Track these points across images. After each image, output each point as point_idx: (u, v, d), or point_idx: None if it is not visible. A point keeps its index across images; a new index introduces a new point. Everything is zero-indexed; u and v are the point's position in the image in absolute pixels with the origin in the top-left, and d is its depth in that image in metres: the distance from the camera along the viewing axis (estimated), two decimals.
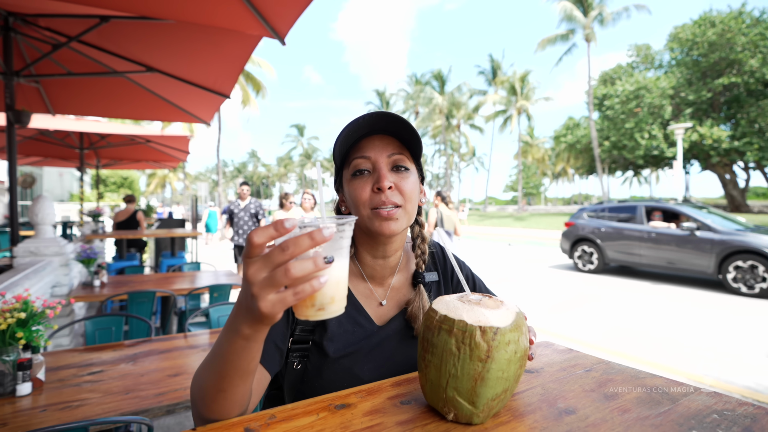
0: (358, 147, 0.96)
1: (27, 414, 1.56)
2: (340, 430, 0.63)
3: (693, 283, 8.32)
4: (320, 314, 0.59)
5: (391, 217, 0.91)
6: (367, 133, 0.95)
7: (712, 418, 0.67)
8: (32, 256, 3.72)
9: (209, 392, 0.67)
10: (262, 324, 0.58)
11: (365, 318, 1.00)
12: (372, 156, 0.94)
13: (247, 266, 0.55)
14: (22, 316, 1.66)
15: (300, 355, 0.95)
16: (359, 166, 0.94)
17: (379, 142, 0.95)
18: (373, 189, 0.92)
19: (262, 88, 31.00)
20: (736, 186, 31.45)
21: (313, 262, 0.52)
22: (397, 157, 0.95)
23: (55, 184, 28.07)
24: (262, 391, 0.85)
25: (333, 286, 0.59)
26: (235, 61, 4.11)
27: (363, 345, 0.97)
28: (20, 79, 4.08)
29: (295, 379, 0.95)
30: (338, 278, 0.60)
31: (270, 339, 0.88)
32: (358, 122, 0.90)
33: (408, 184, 0.94)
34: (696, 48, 27.74)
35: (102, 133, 7.79)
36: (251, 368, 0.67)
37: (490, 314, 0.66)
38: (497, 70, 49.60)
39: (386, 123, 0.92)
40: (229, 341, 0.63)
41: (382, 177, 0.91)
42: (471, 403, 0.65)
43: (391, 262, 1.03)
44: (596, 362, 0.93)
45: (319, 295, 0.58)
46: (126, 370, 2.01)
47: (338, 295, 0.60)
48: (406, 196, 0.94)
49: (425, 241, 1.09)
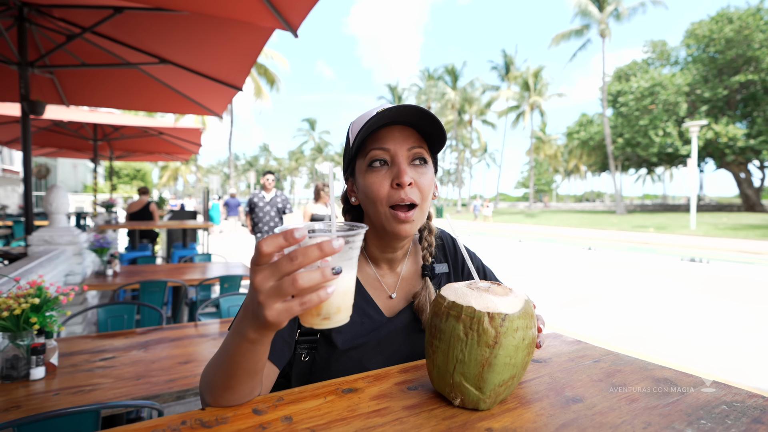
0: (376, 137, 0.91)
1: (40, 397, 1.59)
2: (347, 413, 0.63)
3: (708, 282, 8.21)
4: (325, 323, 0.59)
5: (408, 220, 0.89)
6: (388, 123, 0.91)
7: (720, 409, 0.67)
8: (46, 244, 3.78)
9: (217, 389, 0.68)
10: (268, 330, 0.59)
11: (374, 309, 0.99)
12: (392, 148, 0.90)
13: (255, 274, 0.55)
14: (36, 302, 1.69)
15: (308, 347, 0.94)
16: (377, 157, 0.90)
17: (400, 133, 0.91)
18: (392, 185, 0.89)
19: (276, 81, 31.08)
20: (751, 185, 30.95)
21: (321, 273, 0.52)
22: (417, 151, 0.91)
23: (69, 176, 28.46)
24: (271, 384, 0.85)
25: (340, 297, 0.59)
26: (248, 54, 4.12)
27: (372, 337, 0.96)
28: (35, 69, 4.13)
29: (303, 371, 0.95)
30: (345, 289, 0.60)
31: (278, 334, 0.87)
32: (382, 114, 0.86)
33: (426, 180, 0.91)
34: (713, 44, 27.27)
35: (115, 124, 7.87)
36: (258, 368, 0.67)
37: (499, 301, 0.66)
38: (510, 66, 49.20)
39: (410, 115, 0.88)
40: (236, 344, 0.63)
41: (403, 172, 0.88)
42: (478, 388, 0.65)
43: (399, 255, 1.03)
44: (605, 353, 0.93)
45: (325, 305, 0.58)
46: (137, 356, 2.04)
47: (344, 305, 0.60)
48: (424, 194, 0.91)
49: (432, 233, 1.07)
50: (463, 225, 28.21)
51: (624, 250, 14.15)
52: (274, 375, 0.86)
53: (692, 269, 9.84)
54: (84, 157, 10.86)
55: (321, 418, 0.62)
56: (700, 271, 9.62)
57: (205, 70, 4.59)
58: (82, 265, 4.01)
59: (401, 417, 0.63)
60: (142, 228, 7.11)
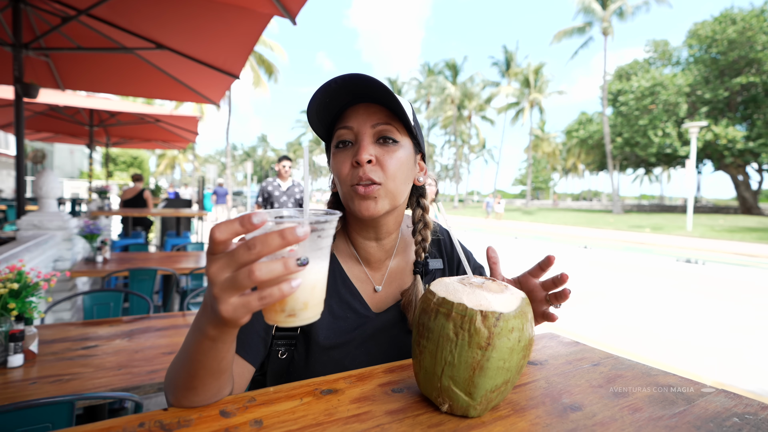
0: (342, 116, 0.86)
1: (16, 386, 1.54)
2: (324, 417, 0.58)
3: (704, 283, 8.20)
4: (291, 321, 0.53)
5: (368, 196, 0.81)
6: (351, 101, 0.85)
7: (732, 421, 0.61)
8: (35, 229, 3.71)
9: (179, 389, 0.62)
10: (227, 326, 0.53)
11: (360, 303, 0.92)
12: (354, 126, 0.84)
13: (209, 264, 0.49)
14: (15, 287, 1.63)
15: (286, 344, 0.87)
16: (342, 137, 0.85)
17: (364, 110, 0.84)
18: (352, 163, 0.83)
19: (274, 71, 30.83)
20: (749, 188, 31.00)
21: (283, 264, 0.46)
22: (382, 128, 0.84)
23: (65, 161, 28.27)
24: (245, 383, 0.79)
25: (307, 291, 0.52)
26: (246, 41, 4.04)
27: (356, 334, 0.90)
28: (29, 51, 4.04)
29: (279, 369, 0.88)
30: (314, 282, 0.53)
31: (252, 330, 0.81)
32: (330, 89, 0.79)
33: (392, 159, 0.83)
34: (715, 45, 27.19)
35: (112, 110, 7.78)
36: (222, 367, 0.60)
37: (493, 298, 0.60)
38: (511, 62, 49.01)
39: (366, 88, 0.80)
40: (196, 341, 0.57)
41: (361, 149, 0.81)
42: (468, 394, 0.59)
43: (385, 245, 0.95)
44: (604, 357, 0.87)
45: (290, 300, 0.52)
46: (121, 346, 1.98)
47: (313, 300, 0.54)
48: (388, 173, 0.83)
49: (428, 227, 0.98)
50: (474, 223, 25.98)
51: (620, 249, 14.13)
52: (249, 373, 0.80)
53: (688, 270, 9.82)
54: (80, 142, 10.74)
55: (294, 422, 0.56)
56: (695, 272, 9.61)
57: (202, 56, 4.50)
58: (72, 251, 3.94)
59: (383, 423, 0.57)
60: (136, 215, 7.03)
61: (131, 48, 4.38)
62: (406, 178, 0.88)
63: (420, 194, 1.02)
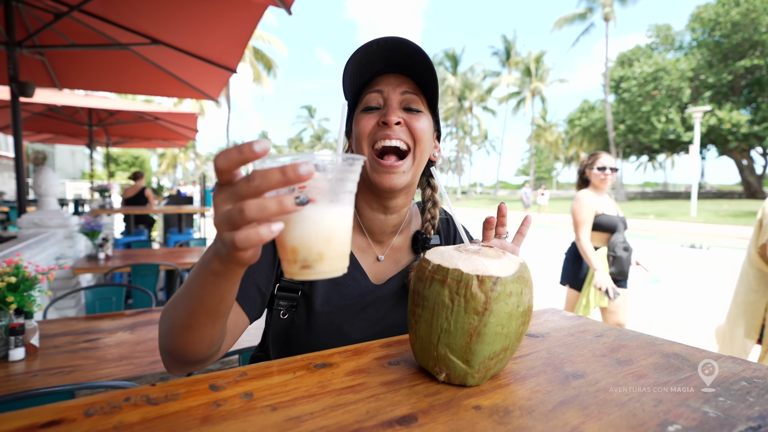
0: (371, 83, 0.88)
1: (18, 378, 1.53)
2: (317, 389, 0.56)
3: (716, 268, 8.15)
4: (306, 273, 0.48)
5: (394, 170, 0.82)
6: (382, 70, 0.87)
7: (740, 385, 0.59)
8: (36, 227, 3.70)
9: (176, 327, 0.60)
10: (230, 262, 0.49)
11: (360, 273, 0.92)
12: (385, 90, 0.86)
13: (215, 193, 0.46)
14: (13, 281, 1.62)
15: (288, 305, 0.88)
16: (370, 102, 0.87)
17: (395, 79, 0.87)
18: (379, 123, 0.84)
19: (273, 67, 30.75)
20: (753, 172, 30.77)
21: (278, 201, 0.42)
22: (410, 96, 0.86)
23: (67, 162, 28.32)
24: (239, 334, 0.78)
25: (321, 240, 0.47)
26: (241, 33, 4.01)
27: (355, 302, 0.90)
28: (23, 50, 4.02)
29: (280, 331, 0.88)
30: (330, 230, 0.48)
31: (251, 280, 0.81)
32: (370, 50, 0.81)
33: (419, 124, 0.85)
34: (718, 28, 26.88)
35: (110, 109, 7.76)
36: (221, 309, 0.58)
37: (490, 263, 0.58)
38: (511, 51, 48.67)
39: (403, 57, 0.83)
40: (199, 275, 0.55)
41: (390, 110, 0.83)
42: (465, 361, 0.57)
43: (392, 219, 0.94)
44: (608, 328, 0.85)
45: (300, 248, 0.47)
46: (123, 338, 1.98)
47: (330, 252, 0.48)
48: (417, 136, 0.84)
49: (437, 206, 1.00)
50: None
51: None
52: (243, 324, 0.79)
53: (692, 255, 9.76)
54: (80, 143, 10.74)
55: (286, 394, 0.54)
56: (700, 257, 9.55)
57: (198, 50, 4.47)
58: (74, 249, 3.94)
59: (377, 393, 0.55)
60: (137, 213, 7.03)
61: (126, 44, 4.35)
62: (429, 146, 0.89)
63: (430, 174, 1.03)
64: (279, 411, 0.50)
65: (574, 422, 0.49)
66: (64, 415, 0.47)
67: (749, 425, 0.49)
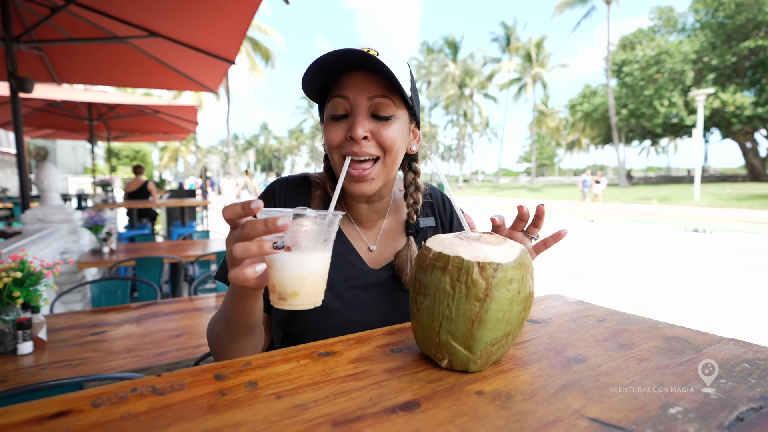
0: (338, 83, 0.82)
1: (27, 371, 1.55)
2: (320, 377, 0.57)
3: (717, 253, 8.14)
4: (281, 303, 0.59)
5: (363, 178, 0.82)
6: (348, 68, 0.81)
7: (742, 367, 0.60)
8: (39, 222, 3.72)
9: (222, 339, 0.74)
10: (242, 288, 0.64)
11: (356, 257, 0.93)
12: (351, 96, 0.81)
13: (228, 234, 0.59)
14: (19, 276, 1.63)
15: None
16: (336, 108, 0.82)
17: (362, 80, 0.81)
18: (347, 137, 0.81)
19: (271, 57, 30.55)
20: (757, 155, 30.56)
21: (258, 246, 0.55)
22: (379, 101, 0.81)
23: (69, 158, 28.34)
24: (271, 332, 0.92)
25: (297, 280, 0.57)
26: (238, 24, 3.98)
27: (351, 284, 0.91)
28: (21, 45, 4.00)
29: (281, 318, 0.90)
30: (305, 273, 0.58)
31: None
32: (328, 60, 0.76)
33: (389, 132, 0.82)
34: (722, 9, 26.49)
35: (110, 103, 7.74)
36: (251, 322, 0.71)
37: (491, 250, 0.58)
38: (511, 37, 48.15)
39: (367, 61, 0.76)
40: (229, 297, 0.69)
41: (356, 124, 0.79)
42: (467, 347, 0.57)
43: (377, 207, 0.96)
44: (610, 313, 0.86)
45: (278, 283, 0.58)
46: (129, 330, 2.00)
47: (303, 290, 0.58)
48: (386, 146, 0.82)
49: (419, 190, 0.99)
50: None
51: (627, 222, 14.04)
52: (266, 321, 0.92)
53: (696, 239, 9.75)
54: (81, 138, 10.74)
55: (290, 383, 0.55)
56: (704, 241, 9.53)
57: (195, 42, 4.44)
58: (79, 243, 3.96)
59: (380, 381, 0.56)
60: (140, 206, 7.05)
61: (123, 37, 4.33)
62: (401, 150, 0.88)
63: (412, 158, 1.01)
64: (283, 399, 0.51)
65: (575, 406, 0.50)
66: (72, 406, 0.48)
67: (750, 406, 0.49)
